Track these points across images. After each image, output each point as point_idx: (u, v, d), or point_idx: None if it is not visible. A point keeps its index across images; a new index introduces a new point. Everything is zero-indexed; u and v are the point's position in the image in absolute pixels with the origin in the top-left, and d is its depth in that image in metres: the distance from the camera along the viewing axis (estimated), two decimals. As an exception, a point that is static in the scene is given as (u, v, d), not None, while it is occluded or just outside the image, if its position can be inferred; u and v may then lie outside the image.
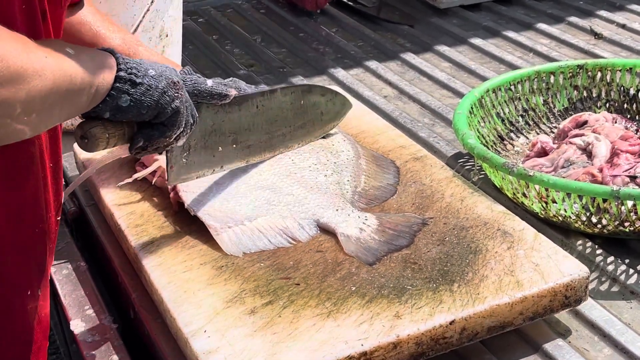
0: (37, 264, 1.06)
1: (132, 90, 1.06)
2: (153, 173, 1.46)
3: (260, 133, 1.44)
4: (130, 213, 1.41)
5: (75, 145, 1.64)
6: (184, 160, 1.29)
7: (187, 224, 1.37)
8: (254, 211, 1.37)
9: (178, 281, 1.25)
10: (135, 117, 1.09)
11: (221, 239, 1.31)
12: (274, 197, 1.41)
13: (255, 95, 1.41)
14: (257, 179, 1.45)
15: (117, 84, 1.05)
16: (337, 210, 1.38)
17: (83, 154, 1.60)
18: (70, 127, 1.66)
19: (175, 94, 1.12)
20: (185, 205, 1.37)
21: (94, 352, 1.26)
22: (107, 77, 1.04)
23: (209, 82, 1.24)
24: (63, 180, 1.15)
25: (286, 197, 1.41)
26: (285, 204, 1.39)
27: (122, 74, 1.05)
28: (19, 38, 0.89)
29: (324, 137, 1.59)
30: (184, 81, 1.20)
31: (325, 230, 1.36)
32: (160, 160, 1.45)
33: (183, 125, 1.15)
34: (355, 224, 1.35)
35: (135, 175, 1.47)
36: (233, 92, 1.28)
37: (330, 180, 1.46)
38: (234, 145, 1.40)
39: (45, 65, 0.91)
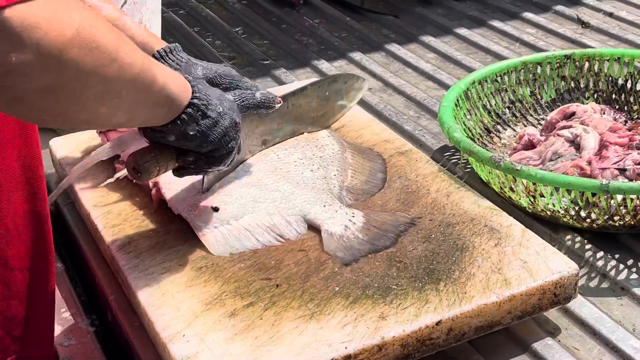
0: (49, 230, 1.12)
1: (202, 121, 1.06)
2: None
3: (287, 130, 1.49)
4: (107, 212, 1.37)
5: (52, 142, 1.60)
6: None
7: (166, 223, 1.33)
8: (239, 209, 1.33)
9: (156, 283, 1.21)
10: (195, 148, 1.08)
11: (207, 239, 1.27)
12: (260, 194, 1.37)
13: (287, 96, 1.45)
14: (241, 175, 1.41)
15: (190, 110, 1.04)
16: (324, 206, 1.35)
17: (59, 152, 1.56)
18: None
19: (235, 135, 1.12)
20: (169, 204, 1.33)
21: (70, 356, 1.22)
22: (182, 99, 1.02)
23: (258, 95, 1.22)
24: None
25: (272, 193, 1.37)
26: (272, 201, 1.35)
27: (196, 101, 1.04)
28: (107, 23, 0.86)
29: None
30: (234, 95, 1.19)
31: (312, 227, 1.32)
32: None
33: (229, 162, 1.16)
34: (342, 220, 1.32)
35: (117, 175, 1.44)
36: (279, 103, 1.27)
37: (316, 175, 1.43)
38: (263, 146, 1.45)
39: (135, 52, 0.88)
